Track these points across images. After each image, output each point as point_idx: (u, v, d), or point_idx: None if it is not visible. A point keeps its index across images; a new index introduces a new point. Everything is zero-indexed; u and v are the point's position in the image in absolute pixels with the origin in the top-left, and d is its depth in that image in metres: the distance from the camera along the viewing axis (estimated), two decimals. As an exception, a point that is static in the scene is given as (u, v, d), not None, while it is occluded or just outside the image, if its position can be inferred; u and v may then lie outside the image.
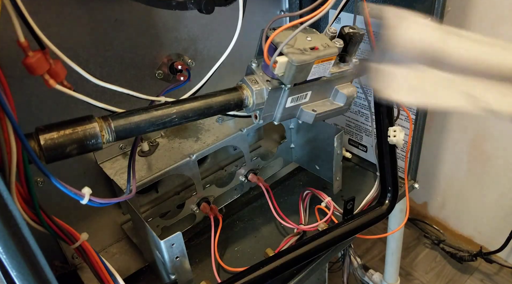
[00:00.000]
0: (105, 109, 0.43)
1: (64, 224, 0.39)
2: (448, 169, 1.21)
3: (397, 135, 0.63)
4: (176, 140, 0.67)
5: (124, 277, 0.62)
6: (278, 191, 0.81)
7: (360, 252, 1.27)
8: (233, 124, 0.70)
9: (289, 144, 0.81)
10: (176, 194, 0.68)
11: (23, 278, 0.28)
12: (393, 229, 0.91)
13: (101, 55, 0.57)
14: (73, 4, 0.51)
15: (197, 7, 0.48)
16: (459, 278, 1.19)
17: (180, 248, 0.51)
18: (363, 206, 0.71)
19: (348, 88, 0.54)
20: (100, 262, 0.42)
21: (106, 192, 0.65)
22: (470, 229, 1.26)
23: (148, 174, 0.59)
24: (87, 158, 0.61)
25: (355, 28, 0.52)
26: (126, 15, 0.57)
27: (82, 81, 0.42)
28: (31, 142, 0.35)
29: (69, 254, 0.62)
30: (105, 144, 0.40)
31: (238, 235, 0.71)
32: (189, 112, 0.44)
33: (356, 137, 0.87)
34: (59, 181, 0.35)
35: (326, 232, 0.62)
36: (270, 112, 0.51)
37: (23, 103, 0.52)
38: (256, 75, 0.48)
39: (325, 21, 0.78)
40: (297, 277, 0.61)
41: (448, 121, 1.13)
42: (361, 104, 0.82)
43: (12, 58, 0.46)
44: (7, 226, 0.26)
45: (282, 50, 0.44)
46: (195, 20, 0.65)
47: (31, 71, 0.35)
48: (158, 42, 0.62)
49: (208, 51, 0.68)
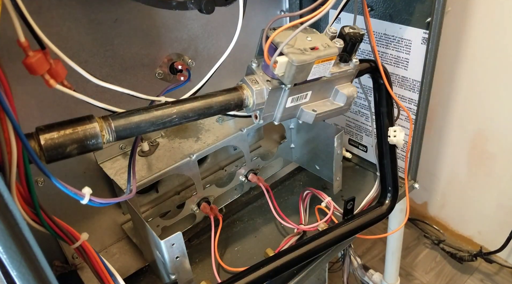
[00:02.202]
0: (106, 109, 0.43)
1: (64, 224, 0.39)
2: (448, 169, 1.21)
3: (397, 135, 0.63)
4: (176, 140, 0.67)
5: (124, 277, 0.62)
6: (278, 191, 0.81)
7: (360, 252, 1.27)
8: (233, 124, 0.70)
9: (289, 143, 0.81)
10: (176, 194, 0.68)
11: (23, 278, 0.28)
12: (393, 229, 0.91)
13: (101, 55, 0.57)
14: (74, 4, 0.51)
15: (197, 7, 0.48)
16: (459, 278, 1.19)
17: (180, 248, 0.51)
18: (363, 206, 0.71)
19: (348, 88, 0.54)
20: (100, 262, 0.42)
21: (106, 192, 0.65)
22: (470, 229, 1.26)
23: (148, 174, 0.59)
24: (87, 158, 0.61)
25: (355, 28, 0.52)
26: (126, 15, 0.57)
27: (83, 81, 0.42)
28: (31, 142, 0.35)
29: (69, 254, 0.62)
30: (106, 143, 0.40)
31: (238, 235, 0.71)
32: (189, 112, 0.44)
33: (356, 137, 0.87)
34: (59, 181, 0.35)
35: (326, 232, 0.62)
36: (270, 112, 0.51)
37: (23, 103, 0.52)
38: (256, 75, 0.48)
39: (325, 21, 0.78)
40: (297, 277, 0.61)
41: (448, 122, 1.13)
42: (361, 104, 0.82)
43: (13, 58, 0.46)
44: (7, 226, 0.26)
45: (283, 50, 0.44)
46: (195, 20, 0.65)
47: (32, 71, 0.35)
48: (158, 42, 0.62)
49: (208, 51, 0.68)
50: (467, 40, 0.99)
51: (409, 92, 0.72)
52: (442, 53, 0.65)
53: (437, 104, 1.12)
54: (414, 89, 0.71)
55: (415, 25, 0.66)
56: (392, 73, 0.73)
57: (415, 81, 0.70)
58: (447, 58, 1.03)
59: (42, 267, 0.29)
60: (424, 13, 0.63)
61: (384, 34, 0.71)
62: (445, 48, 0.96)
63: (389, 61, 0.73)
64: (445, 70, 1.06)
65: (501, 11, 0.90)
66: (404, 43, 0.69)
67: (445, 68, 1.05)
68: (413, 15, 0.65)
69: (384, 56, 0.73)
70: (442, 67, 1.05)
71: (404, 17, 0.67)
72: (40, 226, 0.36)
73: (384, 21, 0.69)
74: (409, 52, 0.69)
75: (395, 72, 0.73)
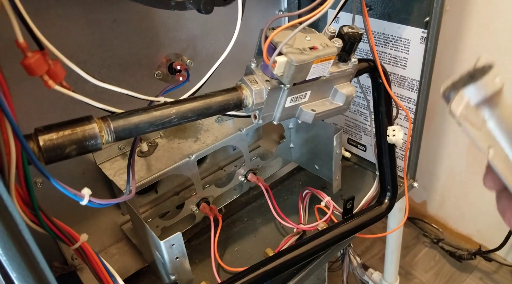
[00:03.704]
0: (104, 109, 0.43)
1: (63, 225, 0.38)
2: (447, 167, 1.21)
3: (396, 135, 0.63)
4: (176, 141, 0.67)
5: (124, 278, 0.62)
6: (278, 190, 0.81)
7: (360, 251, 1.27)
8: (232, 124, 0.70)
9: (288, 143, 0.81)
10: (175, 194, 0.68)
11: (23, 279, 0.28)
12: (393, 228, 0.91)
13: (100, 55, 0.56)
14: (72, 4, 0.51)
15: (196, 7, 0.48)
16: (458, 277, 1.19)
17: (180, 249, 0.51)
18: (362, 205, 0.71)
19: (347, 87, 0.54)
20: (99, 263, 0.42)
21: (106, 192, 0.65)
22: (469, 227, 1.26)
23: (148, 174, 0.59)
24: (86, 159, 0.61)
25: (354, 28, 0.52)
26: (124, 16, 0.57)
27: (81, 82, 0.42)
28: (30, 143, 0.35)
29: (68, 255, 0.61)
30: (105, 144, 0.39)
31: (238, 235, 0.71)
32: (188, 113, 0.44)
33: (355, 136, 0.87)
34: (59, 182, 0.34)
35: (325, 231, 0.62)
36: (270, 112, 0.50)
37: (22, 104, 0.52)
38: (255, 75, 0.48)
39: (324, 20, 0.78)
40: (297, 276, 0.61)
41: (447, 121, 1.13)
42: (360, 103, 0.82)
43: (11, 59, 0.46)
44: (6, 228, 0.26)
45: (281, 50, 0.44)
46: (194, 20, 0.65)
47: (30, 72, 0.35)
48: (157, 42, 0.62)
49: (207, 51, 0.68)
50: (465, 39, 0.99)
51: (408, 92, 0.72)
52: (440, 52, 0.65)
53: (436, 103, 1.12)
54: (413, 88, 0.71)
55: (413, 25, 0.66)
56: (391, 72, 0.73)
57: (414, 80, 0.70)
58: (446, 57, 1.03)
59: (42, 269, 0.29)
60: (422, 13, 0.63)
61: (383, 33, 0.71)
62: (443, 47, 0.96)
63: (388, 60, 0.73)
64: (444, 69, 1.06)
65: (499, 10, 0.90)
66: (402, 43, 0.69)
67: (443, 67, 1.05)
68: (412, 14, 0.65)
69: (383, 55, 0.73)
70: (441, 66, 1.05)
71: (402, 17, 0.67)
72: (39, 227, 0.36)
73: (383, 20, 0.69)
74: (407, 51, 0.69)
75: (394, 71, 0.73)
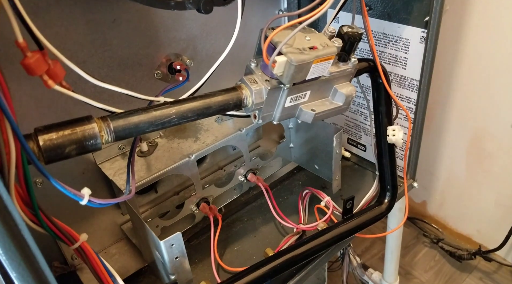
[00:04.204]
0: (104, 109, 0.43)
1: (63, 225, 0.38)
2: (447, 167, 1.21)
3: (396, 135, 0.63)
4: (175, 141, 0.67)
5: (124, 278, 0.62)
6: (277, 190, 0.81)
7: (360, 251, 1.27)
8: (232, 124, 0.70)
9: (288, 143, 0.81)
10: (175, 194, 0.68)
11: (22, 279, 0.28)
12: (392, 228, 0.91)
13: (99, 55, 0.56)
14: (72, 4, 0.51)
15: (195, 7, 0.48)
16: (458, 277, 1.19)
17: (179, 248, 0.51)
18: (362, 205, 0.71)
19: (347, 87, 0.54)
20: (99, 263, 0.42)
21: (105, 192, 0.65)
22: (469, 227, 1.26)
23: (147, 174, 0.59)
24: (86, 159, 0.61)
25: (354, 28, 0.52)
26: (124, 15, 0.57)
27: (81, 81, 0.42)
28: (30, 143, 0.35)
29: (68, 254, 0.61)
30: (104, 144, 0.39)
31: (238, 235, 0.71)
32: (188, 113, 0.44)
33: (355, 136, 0.87)
34: (58, 181, 0.34)
35: (325, 231, 0.62)
36: (269, 112, 0.50)
37: (22, 104, 0.52)
38: (255, 75, 0.48)
39: (323, 20, 0.78)
40: (296, 276, 0.61)
41: (446, 120, 1.13)
42: (360, 103, 0.82)
43: (11, 59, 0.46)
44: (6, 227, 0.26)
45: (281, 49, 0.44)
46: (193, 20, 0.65)
47: (30, 72, 0.35)
48: (157, 42, 0.62)
49: (207, 51, 0.68)
50: (465, 39, 0.99)
51: (407, 91, 0.72)
52: (440, 52, 0.65)
53: (436, 103, 1.13)
54: (412, 88, 0.71)
55: (413, 24, 0.66)
56: (391, 72, 0.73)
57: (414, 80, 0.70)
58: (446, 57, 1.03)
59: (42, 268, 0.29)
60: (422, 12, 0.63)
61: (383, 33, 0.71)
62: (443, 47, 0.96)
63: (388, 60, 0.73)
64: (444, 69, 1.06)
65: (498, 9, 0.90)
66: (402, 42, 0.69)
67: (443, 67, 1.06)
68: (412, 14, 0.65)
69: (382, 55, 0.73)
70: (441, 66, 1.05)
71: (402, 16, 0.67)
72: (39, 227, 0.36)
73: (383, 20, 0.69)
74: (407, 51, 0.69)
75: (393, 71, 0.73)
